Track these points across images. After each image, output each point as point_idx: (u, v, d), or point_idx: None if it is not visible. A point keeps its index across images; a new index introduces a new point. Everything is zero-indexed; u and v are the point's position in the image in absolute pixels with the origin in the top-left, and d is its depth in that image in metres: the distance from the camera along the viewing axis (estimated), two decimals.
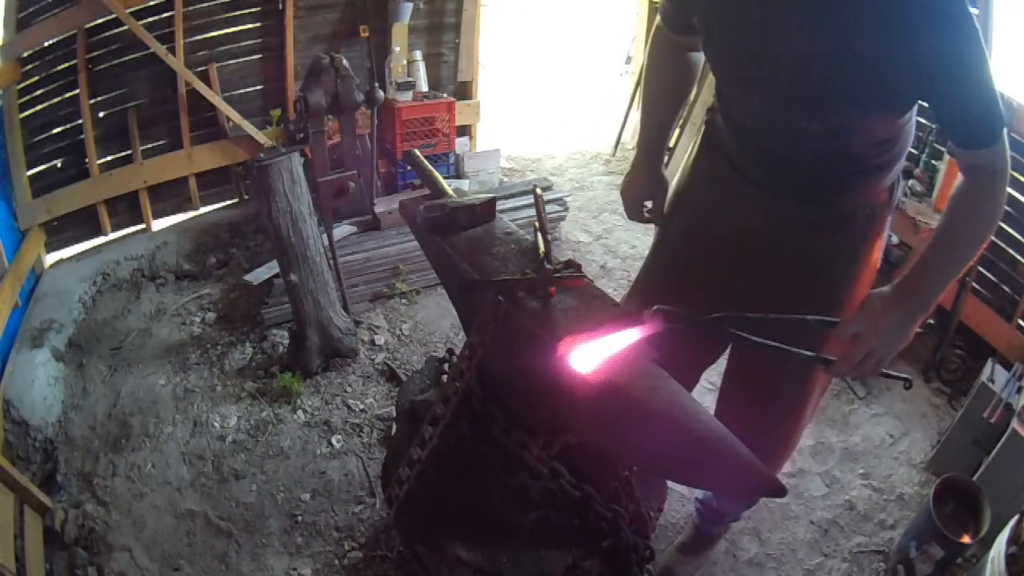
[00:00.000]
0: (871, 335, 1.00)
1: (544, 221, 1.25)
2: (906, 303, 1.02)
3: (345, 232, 2.98)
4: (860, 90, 1.00)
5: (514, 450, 1.20)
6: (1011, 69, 2.45)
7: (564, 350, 0.95)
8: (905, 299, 1.02)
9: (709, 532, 1.83)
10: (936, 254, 1.05)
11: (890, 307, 1.02)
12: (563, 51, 7.01)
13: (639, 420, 0.96)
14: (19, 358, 2.33)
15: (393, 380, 2.49)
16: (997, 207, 1.04)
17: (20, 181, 2.75)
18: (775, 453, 1.48)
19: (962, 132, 1.01)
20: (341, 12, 3.27)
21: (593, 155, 4.72)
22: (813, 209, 1.21)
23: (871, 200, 1.22)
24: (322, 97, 2.28)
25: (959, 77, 0.94)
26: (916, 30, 0.91)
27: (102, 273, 2.92)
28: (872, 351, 1.01)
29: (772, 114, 1.13)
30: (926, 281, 1.04)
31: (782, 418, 1.42)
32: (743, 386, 1.47)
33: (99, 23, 2.80)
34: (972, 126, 0.99)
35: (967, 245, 1.04)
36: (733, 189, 1.28)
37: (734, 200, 1.28)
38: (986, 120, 0.97)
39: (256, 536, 1.89)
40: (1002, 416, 1.99)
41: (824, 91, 1.03)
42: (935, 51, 0.92)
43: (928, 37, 0.91)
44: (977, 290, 2.56)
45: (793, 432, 1.47)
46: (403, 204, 1.45)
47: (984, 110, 0.97)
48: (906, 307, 1.02)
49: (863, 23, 0.93)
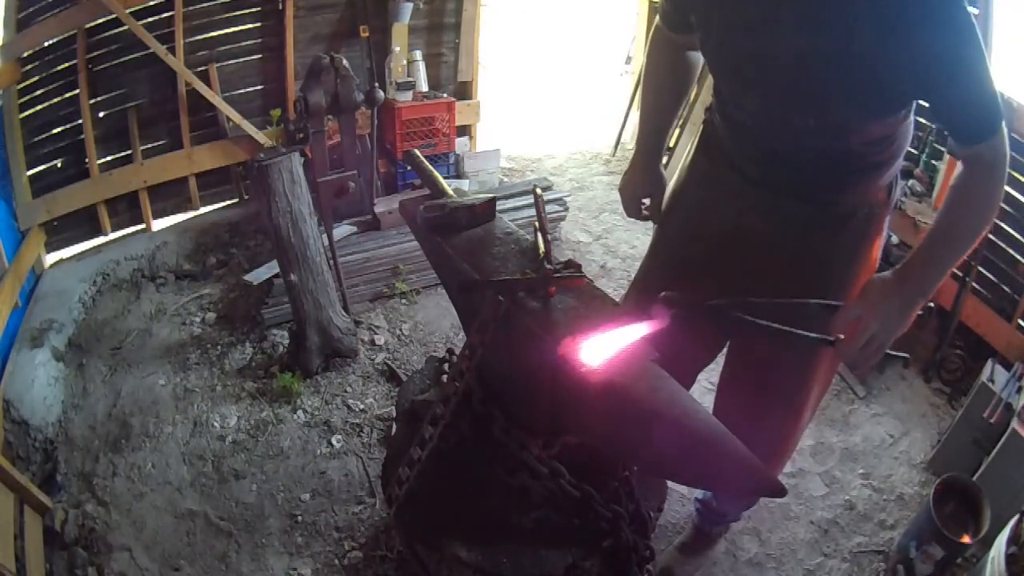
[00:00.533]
0: (871, 319, 1.02)
1: (544, 221, 1.25)
2: (905, 289, 1.04)
3: (345, 232, 2.98)
4: (859, 90, 1.00)
5: (514, 450, 1.20)
6: (1011, 69, 2.45)
7: (569, 346, 0.94)
8: (904, 285, 1.04)
9: (709, 532, 1.83)
10: (935, 242, 1.06)
11: (890, 292, 1.04)
12: (563, 51, 7.01)
13: (639, 420, 0.96)
14: (19, 358, 2.33)
15: (393, 380, 2.49)
16: (995, 197, 1.05)
17: (20, 181, 2.75)
18: (774, 454, 1.47)
19: (962, 129, 1.02)
20: (341, 12, 3.27)
21: (593, 155, 4.72)
22: (811, 208, 1.21)
23: (869, 199, 1.22)
24: (322, 97, 2.28)
25: (958, 76, 0.95)
26: (915, 30, 0.90)
27: (102, 273, 2.92)
28: (873, 335, 1.02)
29: (770, 113, 1.13)
30: (925, 268, 1.06)
31: (781, 418, 1.42)
32: (741, 386, 1.47)
33: (99, 23, 2.80)
34: (971, 122, 1.00)
35: (966, 234, 1.05)
36: (731, 188, 1.28)
37: (732, 199, 1.28)
38: (985, 115, 0.98)
39: (256, 536, 1.89)
40: (1002, 416, 1.99)
41: (823, 91, 1.03)
42: (934, 51, 0.92)
43: (927, 36, 0.91)
44: (977, 290, 2.55)
45: (792, 432, 1.47)
46: (403, 204, 1.45)
47: (983, 106, 0.97)
48: (905, 293, 1.04)
49: (861, 23, 0.93)
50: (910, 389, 2.55)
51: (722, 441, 0.91)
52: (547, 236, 1.23)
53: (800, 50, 1.00)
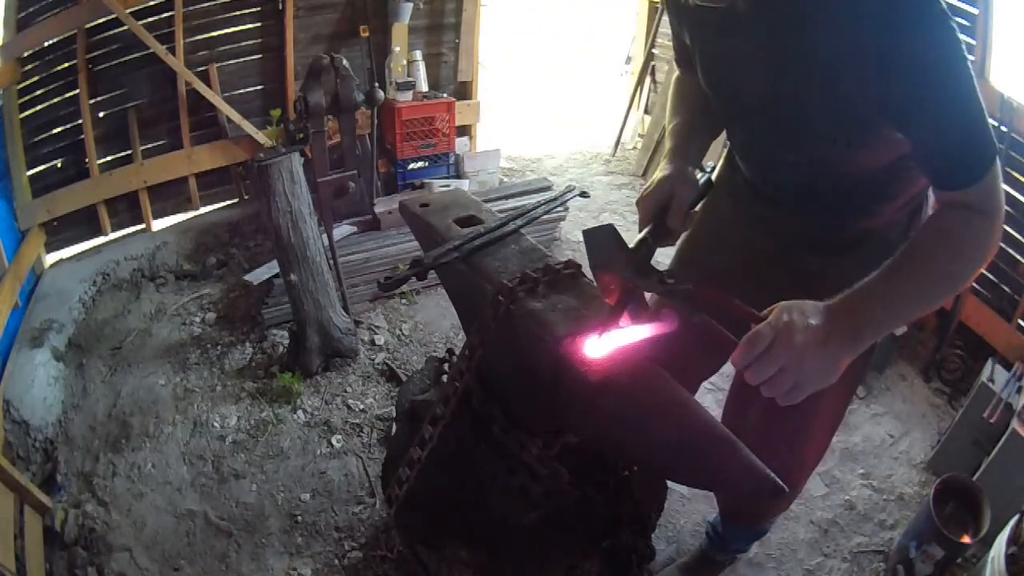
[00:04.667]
0: (782, 352, 0.79)
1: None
2: (838, 323, 0.82)
3: (345, 232, 2.98)
4: (829, 126, 0.94)
5: (514, 450, 1.20)
6: (1011, 69, 2.45)
7: (571, 345, 0.94)
8: (837, 317, 0.82)
9: (714, 558, 1.80)
10: (885, 282, 0.85)
11: (816, 327, 0.81)
12: (563, 51, 7.01)
13: (639, 420, 0.96)
14: (19, 358, 2.33)
15: (393, 380, 2.49)
16: (975, 250, 0.86)
17: (20, 181, 2.76)
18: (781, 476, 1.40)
19: (941, 168, 0.87)
20: (341, 12, 3.27)
21: (593, 155, 4.72)
22: (817, 232, 1.19)
23: (881, 226, 1.16)
24: (322, 97, 2.28)
25: (929, 114, 0.82)
26: (881, 65, 0.82)
27: (102, 273, 2.92)
28: (783, 371, 0.80)
29: (755, 145, 1.13)
30: (864, 311, 0.84)
31: (789, 441, 1.32)
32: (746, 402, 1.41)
33: (99, 23, 2.80)
34: (951, 160, 0.85)
35: (928, 286, 0.86)
36: (748, 203, 1.28)
37: (750, 215, 1.28)
38: (969, 152, 0.84)
39: (256, 536, 1.89)
40: (1002, 416, 1.99)
41: (792, 127, 1.00)
42: (902, 90, 0.82)
43: (894, 73, 0.81)
44: (977, 290, 2.56)
45: (802, 456, 1.37)
46: (403, 204, 1.45)
47: (965, 140, 0.83)
48: (835, 328, 0.82)
49: (823, 65, 0.87)
50: (910, 389, 2.55)
51: (722, 441, 0.90)
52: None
53: (765, 92, 0.98)
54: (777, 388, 0.81)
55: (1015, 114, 2.30)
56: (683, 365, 1.06)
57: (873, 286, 0.85)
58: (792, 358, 0.79)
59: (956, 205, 0.87)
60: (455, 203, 1.42)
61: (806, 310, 0.82)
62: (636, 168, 4.42)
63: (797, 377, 0.80)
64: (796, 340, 0.79)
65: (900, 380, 2.58)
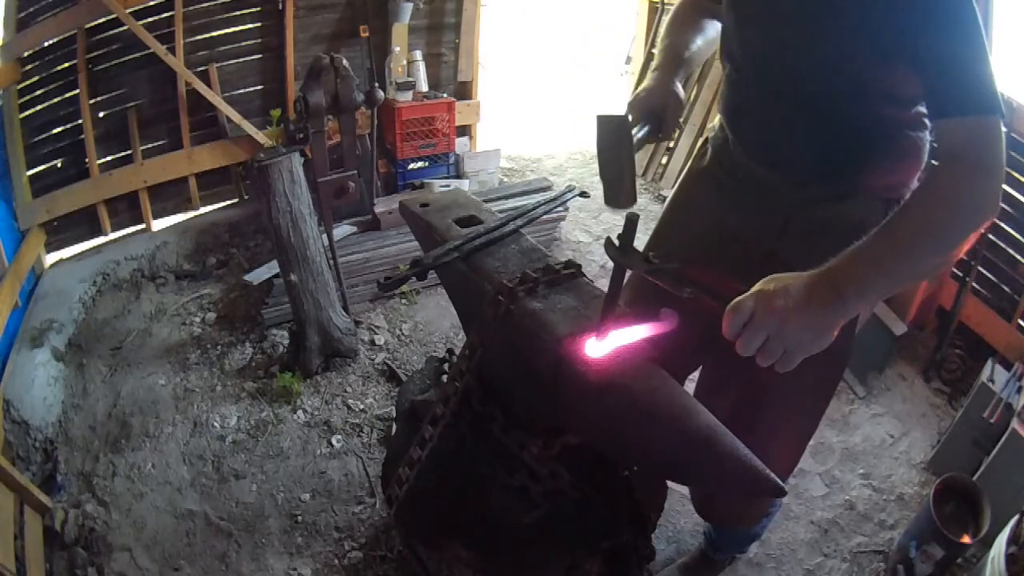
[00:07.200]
0: (766, 319, 0.81)
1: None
2: (825, 285, 0.83)
3: (345, 232, 2.98)
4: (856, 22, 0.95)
5: (514, 450, 1.20)
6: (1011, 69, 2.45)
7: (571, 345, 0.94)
8: (824, 281, 0.84)
9: (713, 557, 1.81)
10: (872, 241, 0.86)
11: (801, 288, 0.83)
12: (563, 51, 7.01)
13: (639, 420, 0.96)
14: (19, 358, 2.33)
15: (393, 380, 2.49)
16: (972, 207, 0.86)
17: (20, 181, 2.75)
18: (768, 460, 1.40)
19: (941, 92, 0.89)
20: (341, 12, 3.27)
21: (593, 155, 4.64)
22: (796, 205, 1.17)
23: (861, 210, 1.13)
24: (322, 97, 2.28)
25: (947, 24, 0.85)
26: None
27: (102, 273, 2.92)
28: (769, 340, 0.82)
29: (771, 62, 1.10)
30: (860, 268, 0.84)
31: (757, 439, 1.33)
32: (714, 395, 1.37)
33: (99, 23, 2.80)
34: (954, 80, 0.86)
35: (915, 240, 0.85)
36: (724, 190, 1.28)
37: (723, 199, 1.28)
38: (972, 79, 0.85)
39: (256, 536, 1.89)
40: (1002, 416, 1.99)
41: (820, 24, 0.99)
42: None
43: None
44: (977, 290, 2.56)
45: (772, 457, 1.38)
46: (403, 204, 1.45)
47: (971, 69, 0.85)
48: (824, 291, 0.83)
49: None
50: (910, 389, 2.55)
51: (722, 441, 0.90)
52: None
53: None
54: (769, 356, 0.83)
55: (1015, 114, 2.31)
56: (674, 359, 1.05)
57: (858, 246, 0.86)
58: (775, 323, 0.81)
59: (955, 158, 0.88)
60: (455, 203, 1.43)
61: (786, 279, 0.85)
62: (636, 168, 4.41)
63: (785, 342, 0.82)
64: (776, 304, 0.81)
65: (900, 380, 2.58)
